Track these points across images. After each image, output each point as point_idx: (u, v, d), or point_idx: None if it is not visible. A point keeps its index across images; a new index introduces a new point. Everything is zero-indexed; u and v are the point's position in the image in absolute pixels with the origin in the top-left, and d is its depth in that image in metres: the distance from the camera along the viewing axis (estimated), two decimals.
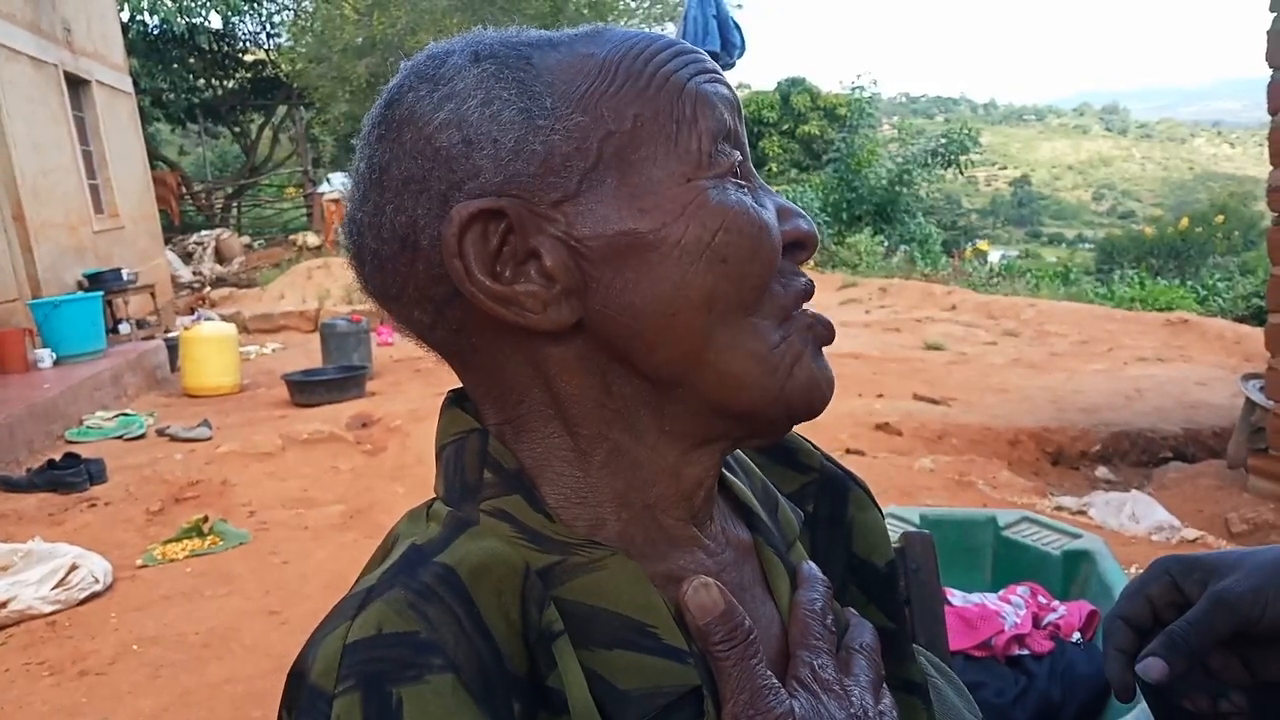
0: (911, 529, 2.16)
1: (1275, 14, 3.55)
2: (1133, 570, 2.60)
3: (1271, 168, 3.65)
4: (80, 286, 7.67)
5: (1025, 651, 1.76)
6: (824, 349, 0.50)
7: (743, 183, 0.47)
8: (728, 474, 0.56)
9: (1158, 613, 0.62)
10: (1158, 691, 0.62)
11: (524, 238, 0.45)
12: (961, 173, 19.77)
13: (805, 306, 0.50)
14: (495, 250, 0.45)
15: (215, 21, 18.10)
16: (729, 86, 0.49)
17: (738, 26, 4.81)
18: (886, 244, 17.31)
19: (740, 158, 0.48)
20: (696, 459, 0.49)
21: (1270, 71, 3.60)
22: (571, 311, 0.45)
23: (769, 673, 0.45)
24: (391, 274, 0.48)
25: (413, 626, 0.40)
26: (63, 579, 3.05)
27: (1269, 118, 3.63)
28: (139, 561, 3.42)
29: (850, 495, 0.62)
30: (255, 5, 18.34)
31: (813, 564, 0.54)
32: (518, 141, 0.45)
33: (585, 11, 14.80)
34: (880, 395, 6.20)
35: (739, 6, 19.82)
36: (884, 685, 0.50)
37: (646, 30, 0.50)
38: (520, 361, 0.47)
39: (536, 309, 0.45)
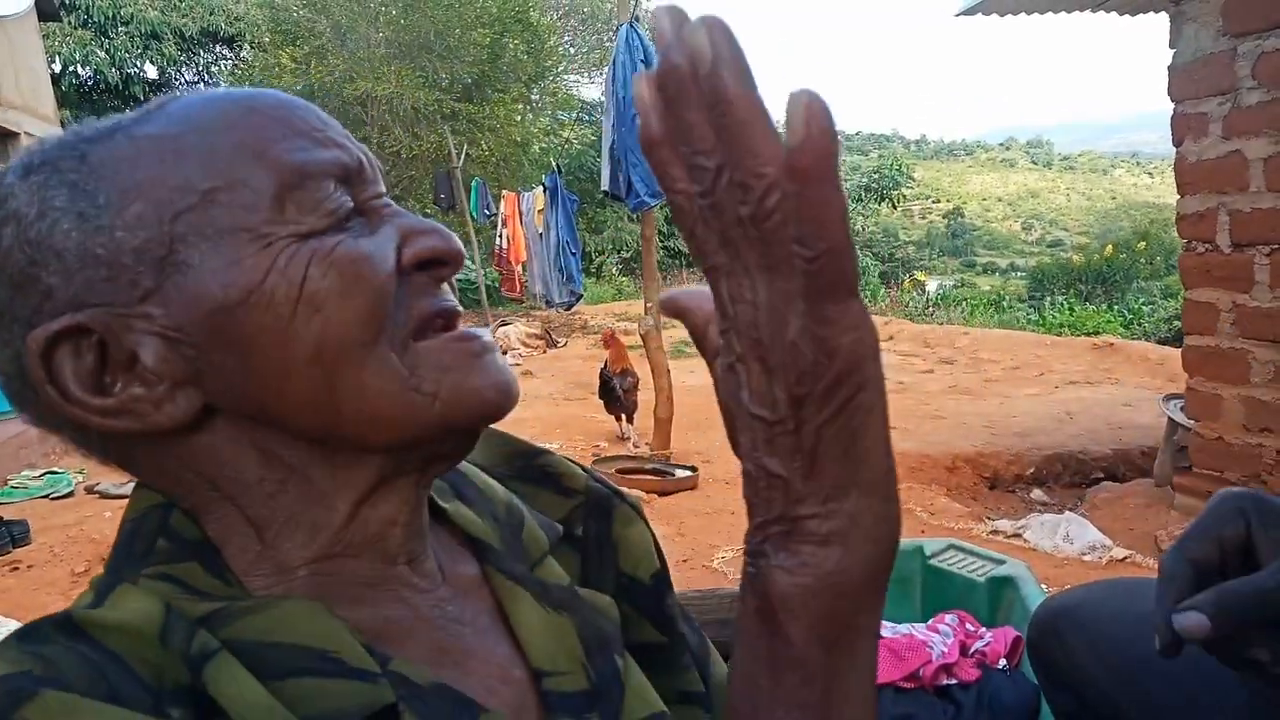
0: None
1: (1174, 50, 3.74)
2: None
3: (1179, 196, 3.83)
4: None
5: (953, 681, 1.79)
6: (485, 357, 0.48)
7: (349, 223, 0.46)
8: (449, 505, 0.55)
9: (1226, 556, 0.56)
10: (1214, 642, 0.56)
11: (119, 344, 0.44)
12: (895, 206, 20.30)
13: (459, 329, 0.48)
14: (95, 365, 0.44)
15: (151, 72, 17.91)
16: (323, 127, 0.48)
17: None
18: None
19: (344, 199, 0.46)
20: (380, 500, 0.48)
21: (1173, 105, 3.78)
22: (190, 402, 0.44)
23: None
24: (24, 404, 0.47)
25: (25, 666, 0.38)
26: None
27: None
28: None
29: (615, 512, 0.62)
30: (192, 56, 18.19)
31: None
32: (79, 248, 0.43)
33: (523, 58, 14.96)
34: None
35: None
36: None
37: (268, 91, 0.48)
38: (170, 460, 0.46)
39: (151, 411, 0.44)
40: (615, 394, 5.70)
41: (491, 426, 0.50)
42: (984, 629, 1.92)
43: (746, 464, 0.36)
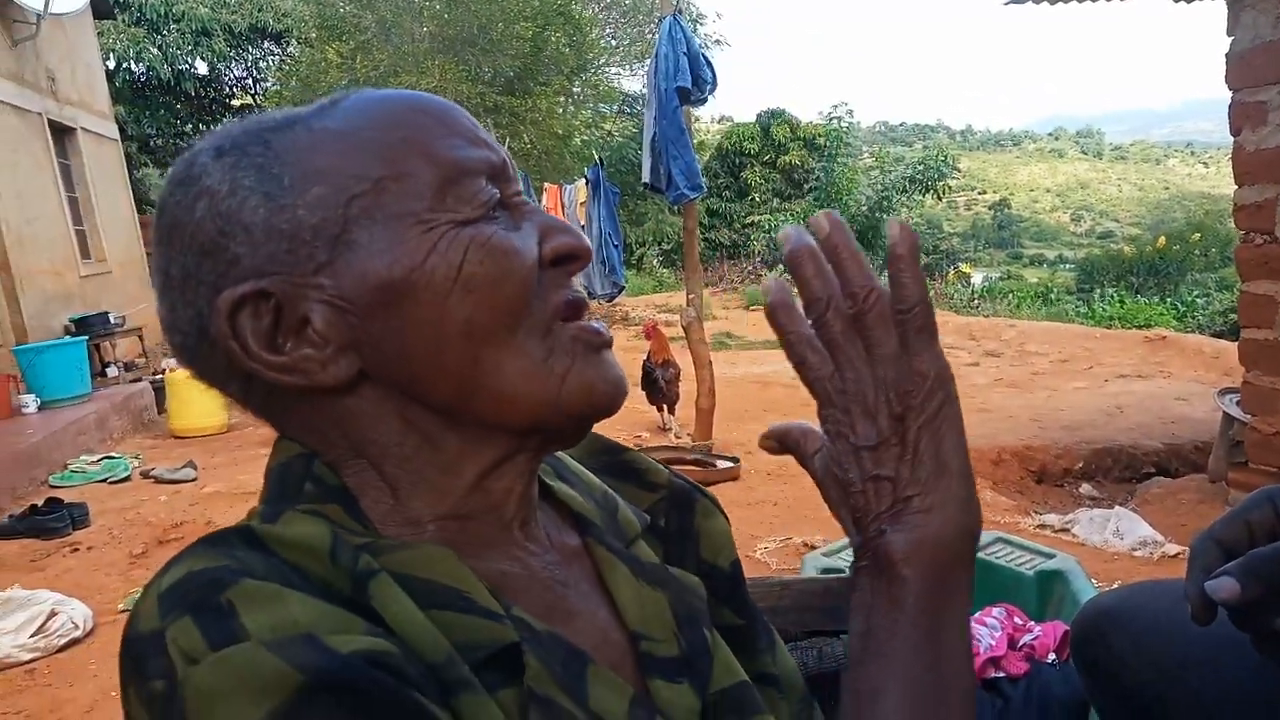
0: None
1: (1233, 37, 3.64)
2: (1114, 587, 2.62)
3: (1237, 186, 3.73)
4: (68, 331, 7.65)
5: (1001, 674, 1.77)
6: (604, 352, 0.54)
7: (497, 214, 0.51)
8: (555, 484, 0.60)
9: (1254, 539, 0.59)
10: (1243, 611, 0.58)
11: (294, 309, 0.49)
12: (940, 198, 20.00)
13: (584, 321, 0.53)
14: (271, 326, 0.49)
15: (201, 68, 18.22)
16: (475, 130, 0.53)
17: (709, 63, 4.88)
18: None
19: (495, 192, 0.52)
20: (501, 474, 0.53)
21: (1230, 93, 3.68)
22: (350, 364, 0.50)
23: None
24: (200, 361, 0.53)
25: (220, 562, 0.44)
26: (42, 626, 3.03)
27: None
28: (120, 606, 3.39)
29: (696, 506, 0.67)
30: (241, 52, 18.48)
31: None
32: (265, 224, 0.49)
33: (565, 51, 14.98)
34: None
35: (719, 43, 20.14)
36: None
37: (429, 95, 0.54)
38: (322, 417, 0.52)
39: (317, 370, 0.49)
40: (658, 385, 5.71)
41: None
42: (1032, 622, 1.90)
43: (853, 492, 0.47)
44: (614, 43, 17.79)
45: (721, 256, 20.45)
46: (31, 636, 2.99)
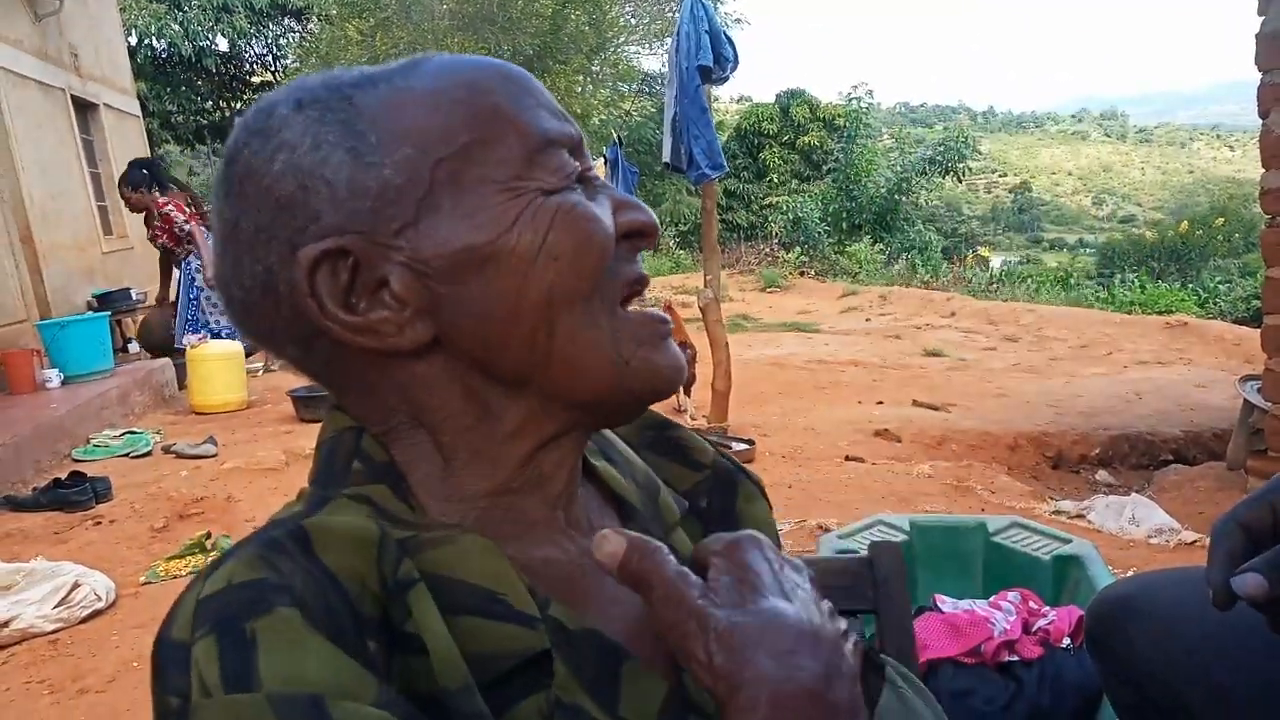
0: (892, 538, 2.18)
1: (1263, 17, 3.57)
2: (1129, 574, 2.62)
3: (1264, 170, 3.68)
4: (90, 307, 7.73)
5: (1015, 658, 1.78)
6: (668, 340, 0.54)
7: (576, 186, 0.51)
8: (599, 463, 0.60)
9: (1278, 522, 0.58)
10: (1269, 606, 0.57)
11: (372, 269, 0.48)
12: (960, 180, 19.81)
13: (641, 307, 0.54)
14: (346, 285, 0.48)
15: (222, 45, 18.24)
16: (553, 100, 0.53)
17: (730, 41, 4.84)
18: (887, 252, 17.32)
19: (576, 165, 0.52)
20: (553, 448, 0.53)
21: (1260, 75, 3.62)
22: (426, 329, 0.49)
23: (684, 569, 0.46)
24: (259, 318, 0.52)
25: (260, 574, 0.44)
26: (65, 597, 3.08)
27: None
28: (142, 579, 3.44)
29: (739, 488, 0.67)
30: (262, 29, 18.49)
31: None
32: (350, 181, 0.48)
33: (585, 29, 14.90)
34: (880, 402, 6.21)
35: (739, 22, 19.95)
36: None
37: (515, 65, 0.53)
38: (386, 382, 0.51)
39: (393, 332, 0.49)
40: None
41: None
42: (1048, 607, 1.90)
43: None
44: (633, 21, 17.65)
45: (739, 238, 20.36)
46: (55, 607, 3.04)
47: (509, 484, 0.52)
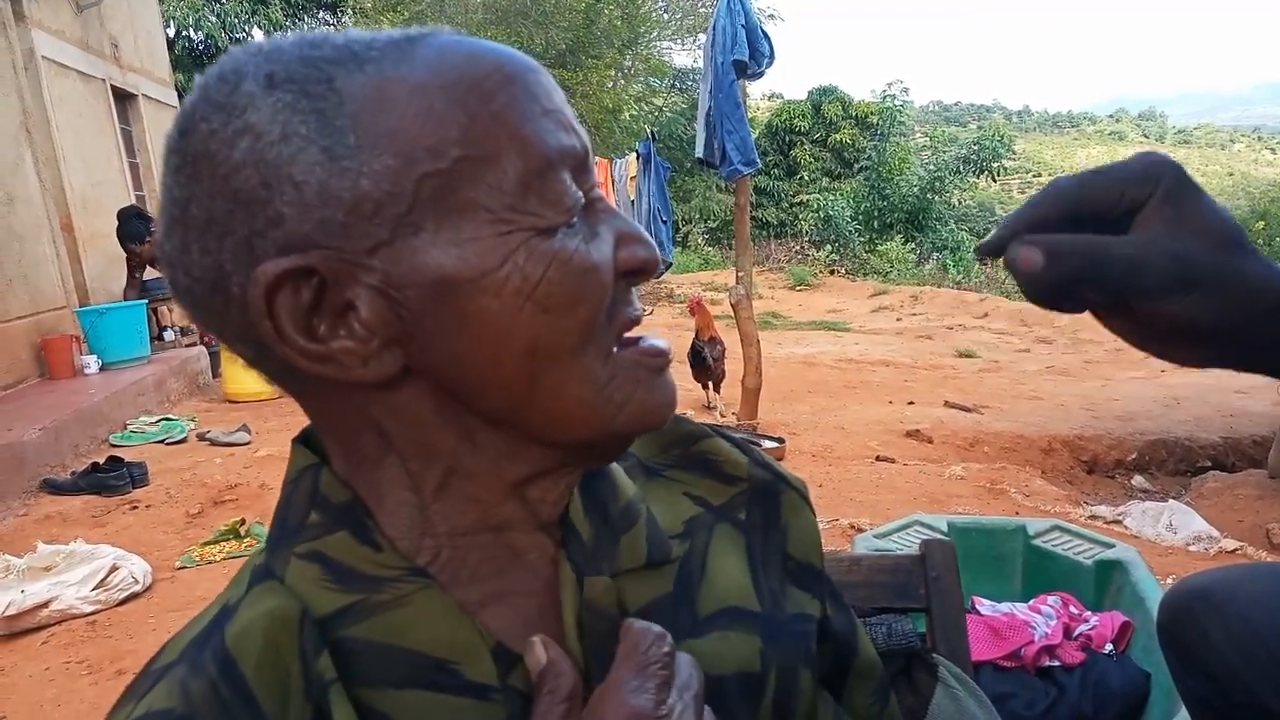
0: (937, 537, 2.15)
1: None
2: (1168, 581, 2.57)
3: None
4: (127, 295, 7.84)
5: (1056, 663, 1.75)
6: (665, 373, 0.49)
7: (575, 221, 0.45)
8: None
9: (1116, 206, 0.46)
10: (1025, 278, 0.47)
11: (338, 291, 0.42)
12: (995, 180, 19.59)
13: (638, 335, 0.49)
14: (308, 307, 0.42)
15: (259, 37, 18.47)
16: (563, 108, 0.46)
17: (767, 36, 4.81)
18: (918, 252, 17.18)
19: (579, 195, 0.45)
20: (540, 483, 0.49)
21: None
22: (394, 360, 0.44)
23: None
24: (206, 313, 0.46)
25: (172, 704, 0.42)
26: (103, 580, 3.13)
27: None
28: (178, 563, 3.49)
29: (782, 499, 0.63)
30: (297, 21, 18.67)
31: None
32: (321, 186, 0.41)
33: (618, 24, 14.90)
34: (911, 402, 6.16)
35: (772, 18, 19.85)
36: None
37: (519, 55, 0.46)
38: (349, 407, 0.46)
39: (356, 365, 0.43)
40: (706, 363, 5.70)
41: None
42: (1089, 612, 1.87)
43: None
44: (666, 16, 17.61)
45: (769, 235, 20.27)
46: (94, 590, 3.09)
47: (487, 520, 0.48)
